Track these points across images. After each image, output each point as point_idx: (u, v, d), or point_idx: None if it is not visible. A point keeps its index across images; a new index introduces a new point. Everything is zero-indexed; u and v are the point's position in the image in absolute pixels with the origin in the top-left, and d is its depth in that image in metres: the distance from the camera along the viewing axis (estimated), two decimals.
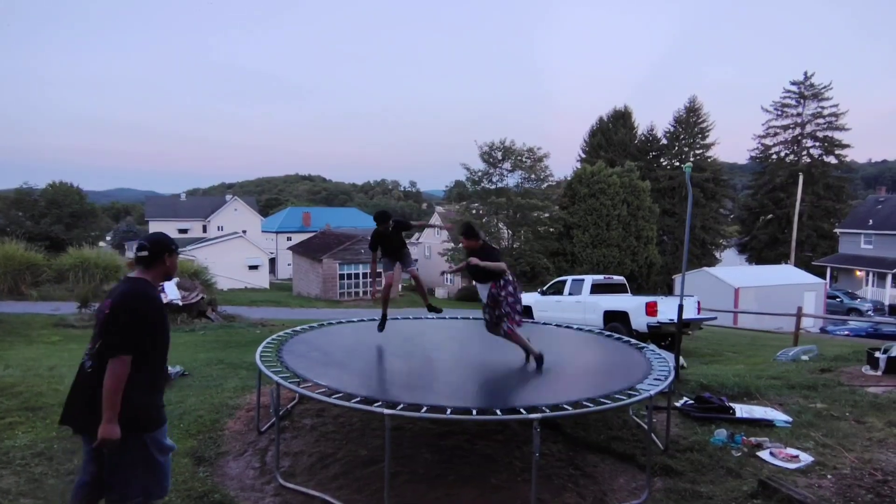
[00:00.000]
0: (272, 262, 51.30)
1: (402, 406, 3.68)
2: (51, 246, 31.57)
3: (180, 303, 13.28)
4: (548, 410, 3.62)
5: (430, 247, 45.92)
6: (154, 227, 55.59)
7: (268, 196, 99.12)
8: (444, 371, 5.27)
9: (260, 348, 5.00)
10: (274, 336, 5.72)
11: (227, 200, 59.65)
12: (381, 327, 6.07)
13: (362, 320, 7.36)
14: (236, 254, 41.02)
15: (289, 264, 43.58)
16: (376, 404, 3.69)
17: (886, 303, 30.49)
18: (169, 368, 6.44)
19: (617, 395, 3.98)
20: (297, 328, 6.34)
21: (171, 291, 13.54)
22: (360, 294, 33.02)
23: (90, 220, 46.63)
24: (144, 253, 2.81)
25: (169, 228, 54.72)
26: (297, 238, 47.53)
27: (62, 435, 4.60)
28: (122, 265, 19.83)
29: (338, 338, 6.24)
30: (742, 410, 5.35)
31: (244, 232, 49.64)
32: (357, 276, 33.19)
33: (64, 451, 4.30)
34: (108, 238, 64.38)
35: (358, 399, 3.79)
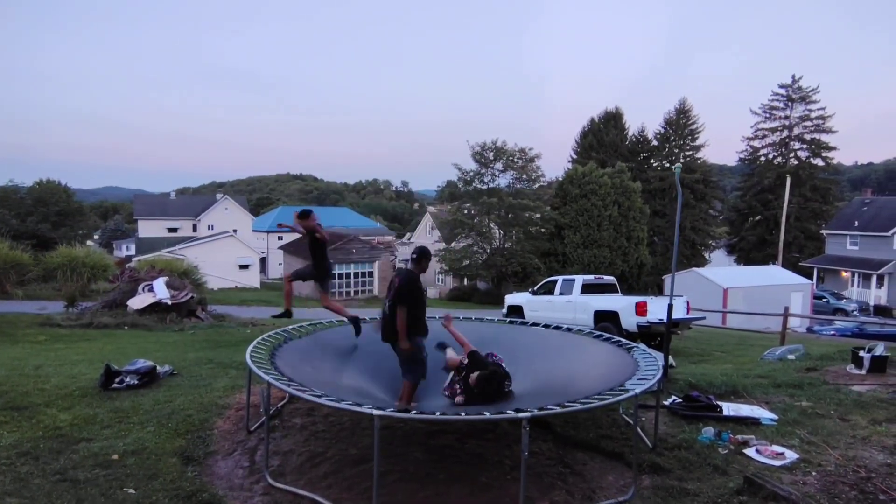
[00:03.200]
0: (263, 261, 51.02)
1: (392, 408, 3.68)
2: (37, 245, 31.17)
3: (169, 302, 13.18)
4: (536, 409, 3.64)
5: None
6: (143, 226, 55.10)
7: (259, 195, 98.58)
8: (435, 371, 5.28)
9: (250, 347, 4.98)
10: (264, 335, 5.69)
11: (218, 199, 59.17)
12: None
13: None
14: (227, 253, 40.75)
15: (280, 264, 43.38)
16: (366, 405, 3.69)
17: (871, 303, 30.90)
18: (158, 368, 6.40)
19: (605, 394, 4.01)
20: (288, 328, 6.31)
21: (160, 290, 13.43)
22: (352, 294, 32.94)
23: (77, 218, 46.07)
24: (414, 255, 5.08)
25: (158, 227, 54.29)
26: (289, 237, 47.30)
27: (48, 434, 4.56)
28: (110, 264, 19.65)
29: (329, 338, 6.23)
30: (729, 409, 5.41)
31: (235, 231, 49.34)
32: (349, 275, 33.12)
33: (50, 450, 4.26)
34: (95, 237, 63.70)
35: (348, 401, 3.79)
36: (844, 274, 34.47)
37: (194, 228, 55.89)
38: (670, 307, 6.55)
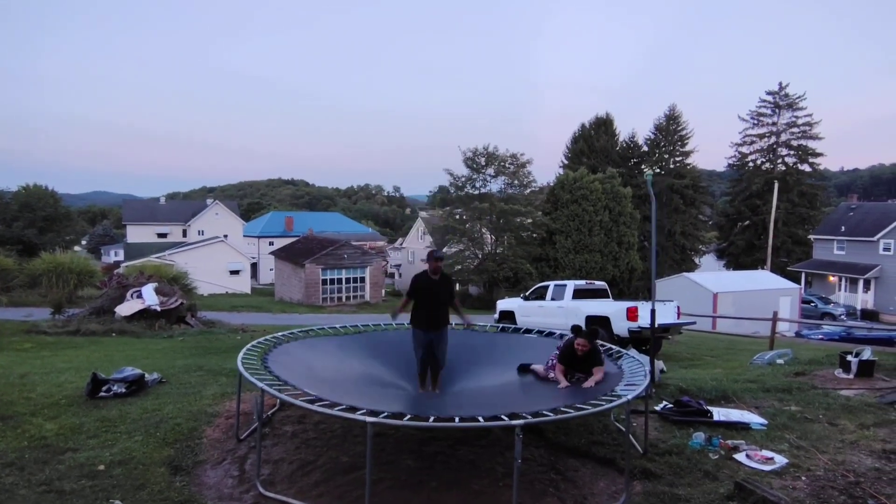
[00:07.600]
0: (254, 267, 50.57)
1: (385, 414, 3.66)
2: (23, 250, 30.77)
3: (158, 308, 13.04)
4: (530, 416, 3.63)
5: (414, 252, 45.86)
6: (132, 231, 54.54)
7: (250, 200, 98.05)
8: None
9: (242, 354, 4.94)
10: (256, 342, 5.65)
11: (208, 204, 58.74)
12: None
13: (345, 327, 7.32)
14: (217, 258, 40.39)
15: (271, 269, 43.12)
16: (359, 412, 3.66)
17: (858, 307, 31.28)
18: (146, 375, 6.33)
19: (596, 401, 4.02)
20: (280, 334, 6.27)
21: (148, 297, 13.29)
22: (343, 300, 32.78)
23: (65, 223, 45.48)
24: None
25: (148, 233, 53.76)
26: (280, 243, 47.03)
27: (34, 444, 4.49)
28: (97, 270, 19.44)
29: (321, 344, 6.19)
30: (719, 414, 5.43)
31: (225, 236, 48.90)
32: (340, 281, 32.96)
33: (35, 460, 4.19)
34: (83, 242, 62.97)
35: (341, 407, 3.77)
36: (832, 278, 34.86)
37: (184, 234, 55.41)
38: (653, 313, 6.58)
